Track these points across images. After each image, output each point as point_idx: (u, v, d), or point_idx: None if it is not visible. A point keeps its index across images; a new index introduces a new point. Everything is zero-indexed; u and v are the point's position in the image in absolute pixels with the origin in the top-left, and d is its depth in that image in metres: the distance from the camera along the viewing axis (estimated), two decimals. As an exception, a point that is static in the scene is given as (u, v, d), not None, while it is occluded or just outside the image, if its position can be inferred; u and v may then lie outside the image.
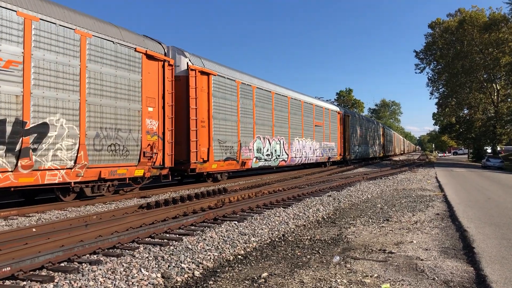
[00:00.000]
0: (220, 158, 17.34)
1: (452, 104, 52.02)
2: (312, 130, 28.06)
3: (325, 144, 30.57)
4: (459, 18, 46.61)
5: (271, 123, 22.24)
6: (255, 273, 5.30)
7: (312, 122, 28.23)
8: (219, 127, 17.38)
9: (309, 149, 27.26)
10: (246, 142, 19.41)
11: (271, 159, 21.76)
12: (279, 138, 22.96)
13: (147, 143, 13.06)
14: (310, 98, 28.97)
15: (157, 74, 13.77)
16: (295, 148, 25.00)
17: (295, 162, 25.34)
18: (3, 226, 8.68)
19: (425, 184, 17.38)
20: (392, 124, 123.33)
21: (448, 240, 7.10)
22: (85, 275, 4.91)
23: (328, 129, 31.41)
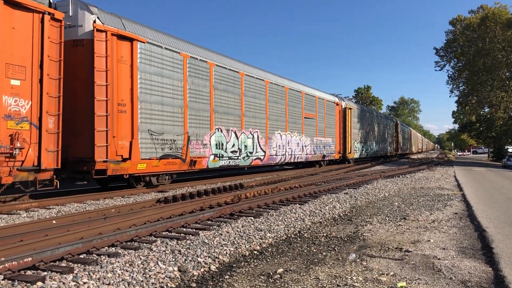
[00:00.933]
0: (153, 155, 13.08)
1: (472, 103, 51.12)
2: (300, 123, 23.90)
3: (319, 140, 26.30)
4: (481, 14, 45.71)
5: (240, 112, 18.04)
6: (271, 268, 5.33)
7: (301, 113, 24.01)
8: (152, 114, 13.08)
9: (296, 146, 23.08)
10: (199, 134, 15.27)
11: (239, 157, 17.71)
12: (252, 131, 18.82)
13: (7, 133, 8.99)
14: (299, 84, 24.65)
15: (31, 32, 9.56)
16: (275, 144, 20.80)
17: (276, 160, 21.20)
18: (24, 217, 8.88)
19: (444, 183, 17.18)
20: (410, 122, 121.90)
21: (466, 239, 7.02)
22: (104, 267, 4.99)
23: (323, 123, 27.21)
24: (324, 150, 27.18)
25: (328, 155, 27.96)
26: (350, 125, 31.56)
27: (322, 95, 27.66)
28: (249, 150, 18.53)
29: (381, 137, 43.47)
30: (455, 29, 48.99)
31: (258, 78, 19.84)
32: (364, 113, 37.27)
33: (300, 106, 24.03)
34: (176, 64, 14.40)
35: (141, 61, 12.84)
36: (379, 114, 46.34)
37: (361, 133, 34.99)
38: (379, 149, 42.07)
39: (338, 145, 29.77)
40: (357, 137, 33.89)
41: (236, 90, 17.90)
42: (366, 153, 36.69)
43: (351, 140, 31.72)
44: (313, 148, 25.47)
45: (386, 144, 45.93)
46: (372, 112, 41.46)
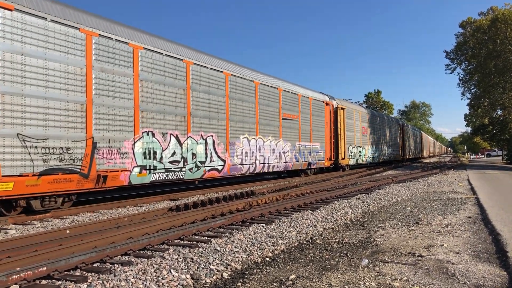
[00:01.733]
0: (28, 170, 9.31)
1: (484, 105, 50.61)
2: (277, 125, 19.96)
3: (303, 145, 22.43)
4: (491, 16, 45.40)
5: (185, 110, 14.07)
6: (283, 275, 5.33)
7: (278, 113, 20.12)
8: (25, 111, 9.36)
9: (270, 152, 19.22)
10: (114, 140, 11.44)
11: (182, 168, 13.77)
12: (205, 135, 14.91)
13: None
14: (275, 79, 20.67)
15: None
16: (240, 150, 16.99)
17: (242, 171, 17.22)
18: (38, 228, 8.98)
19: (457, 187, 17.01)
20: (422, 125, 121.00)
21: (480, 243, 6.95)
22: (117, 276, 5.04)
23: (308, 125, 23.35)
24: (310, 157, 23.12)
25: (316, 163, 23.90)
26: (343, 127, 27.92)
27: (307, 92, 23.79)
28: (200, 159, 14.55)
29: (386, 141, 40.12)
30: (465, 32, 48.73)
31: (214, 69, 15.74)
32: (366, 115, 34.25)
33: (276, 105, 19.98)
34: (73, 42, 10.55)
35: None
36: (381, 115, 41.81)
37: (358, 136, 31.53)
38: (381, 153, 38.03)
39: (329, 151, 25.88)
40: (353, 140, 30.16)
41: (178, 82, 13.83)
42: (365, 159, 32.96)
43: (345, 145, 28.04)
44: (294, 155, 21.51)
45: (390, 149, 41.84)
46: (372, 113, 37.45)
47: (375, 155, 35.99)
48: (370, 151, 34.49)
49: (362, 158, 32.40)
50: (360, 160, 31.83)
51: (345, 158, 27.97)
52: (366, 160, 33.54)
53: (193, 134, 14.41)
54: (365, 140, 33.49)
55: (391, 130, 43.10)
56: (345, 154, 28.10)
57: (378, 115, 40.17)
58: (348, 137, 28.90)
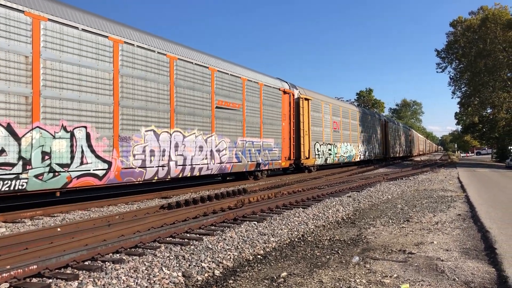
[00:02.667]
0: None
1: (475, 104, 51.03)
2: (206, 115, 15.53)
3: (248, 142, 18.13)
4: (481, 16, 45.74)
5: (27, 88, 9.61)
6: (275, 272, 5.35)
7: (209, 100, 15.70)
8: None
9: (196, 151, 14.84)
10: None
11: (20, 175, 9.32)
12: (69, 126, 10.57)
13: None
14: (206, 56, 16.12)
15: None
16: (141, 148, 12.52)
17: (145, 176, 12.63)
18: (29, 226, 8.93)
19: (447, 185, 17.16)
20: (413, 124, 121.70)
21: (469, 240, 7.03)
22: (108, 274, 5.03)
23: (258, 117, 19.07)
24: (259, 156, 18.96)
25: (268, 163, 19.70)
26: (307, 122, 23.74)
27: (257, 77, 19.45)
28: (60, 161, 10.21)
29: (361, 137, 35.31)
30: (455, 31, 49.05)
31: (95, 32, 11.37)
32: (333, 107, 29.04)
33: (207, 89, 15.64)
34: None
35: None
36: (358, 110, 37.38)
37: (327, 132, 27.48)
38: (358, 152, 33.90)
39: (288, 149, 21.64)
40: (321, 137, 26.15)
41: (17, 45, 9.47)
42: (336, 158, 28.84)
43: (310, 142, 24.00)
44: (236, 154, 17.28)
45: (370, 146, 37.56)
46: (345, 106, 32.98)
47: (350, 153, 32.01)
48: (343, 149, 30.36)
49: (333, 157, 28.17)
50: (330, 160, 27.60)
51: (309, 157, 23.79)
52: (339, 160, 29.50)
53: (46, 124, 9.93)
54: (337, 136, 29.36)
55: (371, 126, 38.90)
56: (310, 153, 23.89)
57: (354, 109, 35.87)
58: (314, 133, 24.95)
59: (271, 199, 11.95)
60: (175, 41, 15.00)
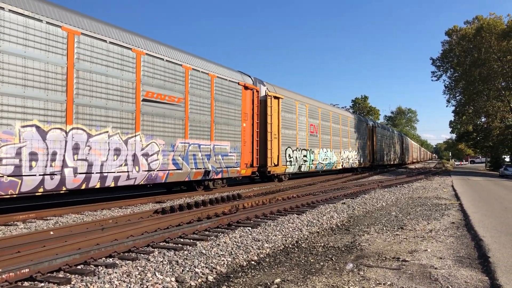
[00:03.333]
0: None
1: (469, 112, 51.39)
2: (130, 110, 12.44)
3: (193, 145, 15.01)
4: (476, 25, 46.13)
5: None
6: (268, 279, 5.33)
7: (134, 91, 12.61)
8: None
9: (108, 154, 11.70)
10: None
11: None
12: None
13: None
14: (131, 34, 12.96)
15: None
16: (7, 150, 9.31)
17: (18, 188, 9.40)
18: (22, 229, 8.86)
19: (441, 193, 17.21)
20: (408, 131, 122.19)
21: (463, 249, 7.05)
22: (101, 278, 5.00)
23: (208, 115, 15.84)
24: (209, 162, 15.76)
25: (222, 170, 16.48)
26: (277, 123, 20.71)
27: (207, 66, 16.01)
28: None
29: (344, 142, 31.94)
30: (451, 40, 49.44)
31: None
32: (310, 108, 25.70)
33: (128, 76, 12.44)
34: None
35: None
36: (341, 112, 33.73)
37: (302, 136, 24.18)
38: (339, 159, 30.49)
39: (249, 154, 18.29)
40: (294, 141, 22.96)
41: None
42: (313, 165, 25.53)
43: (280, 146, 20.80)
44: (173, 159, 14.08)
45: (354, 153, 34.15)
46: (326, 108, 29.34)
47: (331, 160, 28.58)
48: (322, 155, 27.08)
49: (309, 164, 24.90)
50: (305, 167, 24.35)
51: (279, 164, 20.54)
52: (316, 167, 26.18)
53: None
54: (315, 141, 26.11)
55: (357, 131, 35.50)
56: (280, 159, 20.72)
57: (336, 111, 32.02)
58: (286, 137, 21.81)
59: (266, 205, 11.93)
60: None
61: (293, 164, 22.65)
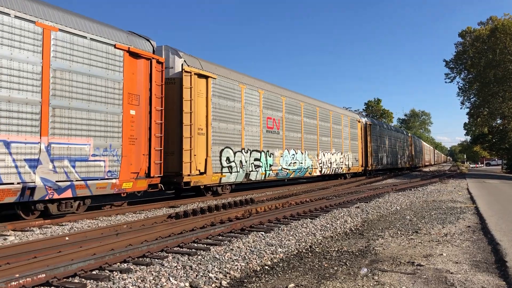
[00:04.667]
0: None
1: (484, 114, 50.84)
2: None
3: None
4: (490, 26, 45.71)
5: None
6: (282, 284, 5.32)
7: None
8: None
9: None
10: None
11: None
12: None
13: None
14: None
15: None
16: None
17: None
18: (37, 234, 8.97)
19: (456, 196, 17.01)
20: (422, 134, 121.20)
21: (479, 253, 6.95)
22: (116, 283, 5.03)
23: (36, 92, 9.59)
24: (36, 173, 9.50)
25: (73, 186, 10.27)
26: (205, 113, 15.21)
27: (37, 8, 9.84)
28: None
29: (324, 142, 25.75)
30: (464, 41, 49.01)
31: None
32: (265, 95, 19.35)
33: None
34: None
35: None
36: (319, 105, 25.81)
37: (253, 132, 18.23)
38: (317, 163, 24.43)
39: (144, 158, 12.36)
40: (238, 139, 17.18)
41: None
42: (272, 172, 19.44)
43: (210, 146, 15.28)
44: None
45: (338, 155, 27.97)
46: (293, 96, 22.52)
47: (302, 165, 22.20)
48: (287, 158, 20.69)
49: (266, 170, 18.62)
50: (258, 175, 18.04)
51: (207, 172, 14.87)
52: (278, 175, 19.85)
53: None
54: (275, 140, 19.82)
55: (342, 129, 28.94)
56: (209, 165, 15.03)
57: (312, 103, 24.66)
58: (222, 133, 16.11)
59: (279, 209, 11.92)
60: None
61: (234, 170, 16.53)
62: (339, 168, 27.92)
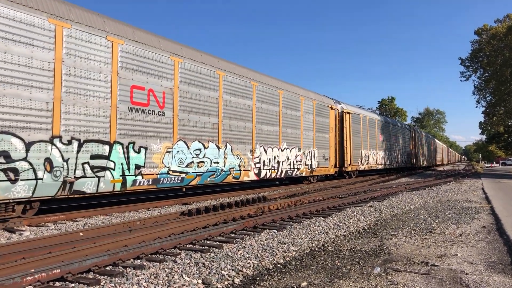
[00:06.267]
0: None
1: (500, 113, 50.07)
2: None
3: None
4: (507, 24, 44.98)
5: None
6: (294, 282, 5.31)
7: None
8: None
9: None
10: None
11: None
12: None
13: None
14: None
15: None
16: None
17: None
18: (52, 230, 9.08)
19: (471, 196, 16.81)
20: (436, 133, 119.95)
21: (495, 254, 6.86)
22: (129, 279, 5.07)
23: None
24: None
25: None
26: None
27: None
28: None
29: (264, 133, 17.96)
30: (480, 39, 48.30)
31: None
32: (123, 48, 11.53)
33: None
34: None
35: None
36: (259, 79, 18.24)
37: (95, 111, 10.74)
38: (251, 162, 16.68)
39: None
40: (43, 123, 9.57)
41: None
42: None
43: None
44: None
45: (296, 152, 20.50)
46: (192, 54, 14.31)
47: (220, 165, 15.17)
48: (184, 154, 13.51)
49: (122, 174, 11.32)
50: (99, 185, 10.65)
51: None
52: (159, 181, 12.53)
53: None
54: (157, 125, 12.50)
55: (300, 115, 21.26)
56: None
57: (246, 75, 17.11)
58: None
59: (291, 207, 11.89)
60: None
61: (27, 177, 9.07)
62: (294, 169, 20.21)
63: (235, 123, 16.20)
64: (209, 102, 14.75)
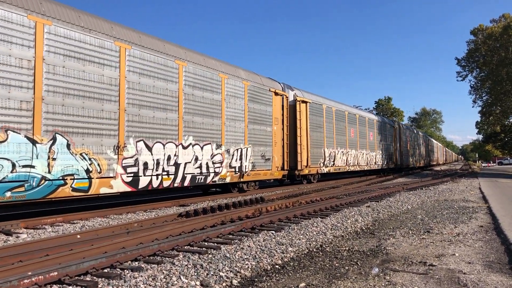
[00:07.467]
0: None
1: (496, 113, 50.27)
2: None
3: None
4: (503, 23, 45.15)
5: None
6: (293, 283, 5.30)
7: None
8: None
9: None
10: None
11: None
12: None
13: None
14: None
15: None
16: None
17: None
18: (49, 232, 9.04)
19: (468, 195, 16.84)
20: (433, 133, 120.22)
21: (492, 253, 6.87)
22: (127, 282, 5.05)
23: None
24: None
25: None
26: None
27: None
28: None
29: None
30: (476, 39, 48.48)
31: None
32: None
33: None
34: None
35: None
36: None
37: None
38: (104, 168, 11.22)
39: None
40: None
41: None
42: None
43: None
44: None
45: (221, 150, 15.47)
46: None
47: (36, 170, 9.42)
48: None
49: None
50: None
51: None
52: None
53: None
54: None
55: (222, 100, 15.66)
56: None
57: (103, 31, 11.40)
58: None
59: (289, 208, 11.89)
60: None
61: None
62: (209, 173, 14.91)
63: (77, 102, 10.46)
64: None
